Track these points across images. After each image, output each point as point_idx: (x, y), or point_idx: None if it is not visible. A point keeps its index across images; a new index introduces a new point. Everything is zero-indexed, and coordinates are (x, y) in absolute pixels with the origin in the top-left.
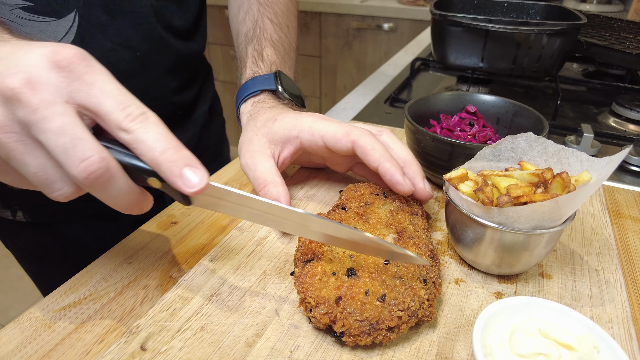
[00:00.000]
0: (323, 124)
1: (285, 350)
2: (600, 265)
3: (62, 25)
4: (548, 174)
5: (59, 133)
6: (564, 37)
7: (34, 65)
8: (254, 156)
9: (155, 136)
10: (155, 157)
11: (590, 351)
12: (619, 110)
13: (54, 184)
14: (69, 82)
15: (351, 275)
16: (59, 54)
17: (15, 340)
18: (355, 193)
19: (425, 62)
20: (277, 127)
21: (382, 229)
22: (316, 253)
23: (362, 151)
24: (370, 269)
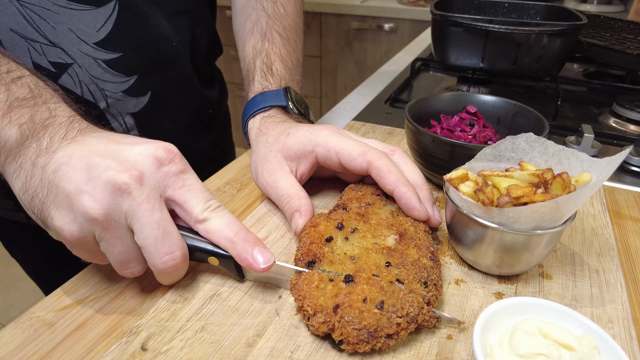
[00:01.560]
0: (339, 140)
1: (285, 351)
2: (601, 265)
3: (102, 14)
4: (548, 174)
5: (154, 226)
6: (565, 37)
7: (141, 162)
8: (273, 174)
9: (230, 220)
10: (230, 238)
11: (591, 352)
12: (619, 110)
13: (130, 264)
14: (165, 177)
15: (349, 282)
16: (159, 152)
17: (16, 340)
18: (357, 193)
19: (425, 62)
20: (291, 141)
21: (383, 230)
22: (317, 254)
23: (377, 173)
24: (370, 272)
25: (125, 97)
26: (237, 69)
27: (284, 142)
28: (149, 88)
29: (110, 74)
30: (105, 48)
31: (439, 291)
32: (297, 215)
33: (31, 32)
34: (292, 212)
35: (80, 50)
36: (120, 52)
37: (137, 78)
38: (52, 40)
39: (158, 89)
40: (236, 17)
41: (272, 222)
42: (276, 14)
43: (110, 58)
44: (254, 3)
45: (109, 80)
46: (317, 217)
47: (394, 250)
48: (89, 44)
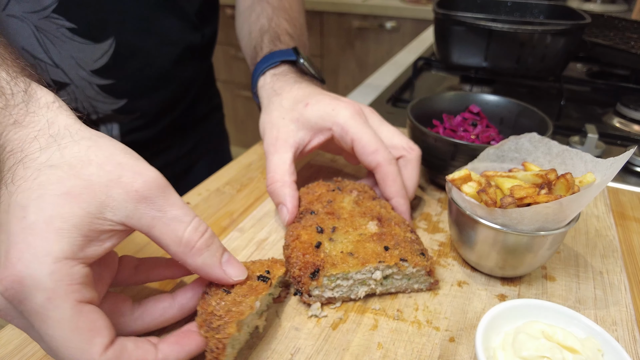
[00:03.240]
0: (358, 127)
1: (285, 353)
2: (605, 267)
3: (99, 49)
4: (552, 175)
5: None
6: (568, 36)
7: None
8: (275, 144)
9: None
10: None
11: (595, 354)
12: (623, 110)
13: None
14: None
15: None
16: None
17: (14, 341)
18: (314, 195)
19: (428, 61)
20: (309, 113)
21: (359, 220)
22: (316, 263)
23: (382, 178)
24: (376, 261)
25: (115, 115)
26: (237, 69)
27: (300, 113)
28: (137, 109)
29: (102, 96)
30: (100, 75)
31: (431, 259)
32: (284, 210)
33: (40, 52)
34: (278, 203)
35: (78, 74)
36: (113, 79)
37: (127, 101)
38: (56, 62)
39: (146, 110)
40: (240, 17)
41: (272, 223)
42: (282, 7)
43: (104, 83)
44: (259, 1)
45: (101, 101)
46: (294, 227)
47: (381, 234)
48: (86, 70)
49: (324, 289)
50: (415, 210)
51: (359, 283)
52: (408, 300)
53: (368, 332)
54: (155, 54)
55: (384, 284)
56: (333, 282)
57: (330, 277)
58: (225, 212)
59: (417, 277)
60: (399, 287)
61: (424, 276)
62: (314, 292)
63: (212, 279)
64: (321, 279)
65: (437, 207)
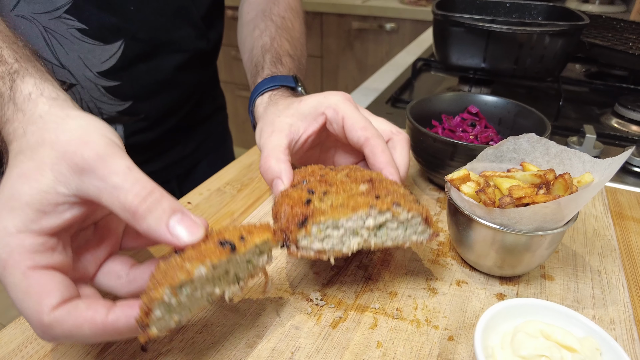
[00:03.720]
0: (348, 107)
1: (286, 352)
2: (603, 266)
3: (108, 50)
4: (550, 175)
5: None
6: (567, 37)
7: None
8: (270, 136)
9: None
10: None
11: (593, 353)
12: (621, 111)
13: None
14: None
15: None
16: None
17: (16, 341)
18: (306, 171)
19: (427, 62)
20: (303, 106)
21: (351, 185)
22: (305, 213)
23: (371, 150)
24: (367, 206)
25: (119, 116)
26: (237, 69)
27: (295, 108)
28: (142, 111)
29: (107, 98)
30: (106, 77)
31: (426, 208)
32: (280, 183)
33: (47, 53)
34: (273, 179)
35: (84, 75)
36: (119, 81)
37: (132, 103)
38: (63, 63)
39: (151, 112)
40: (243, 29)
41: (272, 223)
42: (285, 26)
43: (110, 85)
44: (263, 16)
45: (106, 102)
46: (285, 190)
47: (373, 189)
48: (93, 72)
49: (312, 239)
50: None
51: (350, 233)
52: (407, 300)
53: (367, 331)
54: (164, 59)
55: (378, 234)
56: (322, 231)
57: (319, 224)
58: (226, 212)
59: (413, 226)
60: (396, 238)
61: (422, 225)
62: (301, 243)
63: (162, 243)
64: (310, 227)
65: (436, 207)
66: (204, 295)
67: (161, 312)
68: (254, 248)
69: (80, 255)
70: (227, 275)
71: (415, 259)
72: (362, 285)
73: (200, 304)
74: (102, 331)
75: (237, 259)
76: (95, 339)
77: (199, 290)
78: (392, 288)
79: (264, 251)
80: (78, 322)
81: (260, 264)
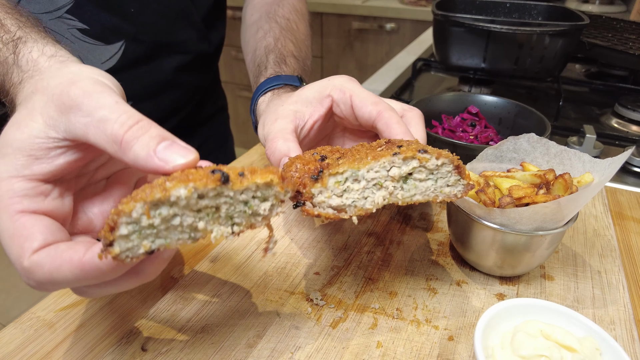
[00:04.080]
0: (355, 86)
1: (286, 352)
2: (603, 266)
3: (108, 51)
4: (550, 175)
5: None
6: (567, 37)
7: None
8: (274, 123)
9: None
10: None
11: (593, 353)
12: (621, 111)
13: None
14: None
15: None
16: None
17: (16, 341)
18: (313, 152)
19: (427, 62)
20: (306, 91)
21: (366, 150)
22: (320, 167)
23: (385, 123)
24: (390, 154)
25: None
26: (237, 69)
27: (299, 95)
28: (142, 112)
29: None
30: None
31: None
32: (286, 159)
33: None
34: (280, 158)
35: None
36: (120, 81)
37: (131, 104)
38: None
39: (151, 113)
40: (247, 31)
41: (272, 223)
42: (289, 28)
43: None
44: (267, 18)
45: None
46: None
47: (393, 145)
48: None
49: (330, 193)
50: (415, 210)
51: (373, 186)
52: (407, 300)
53: (367, 331)
54: (165, 60)
55: (405, 187)
56: (341, 183)
57: (337, 175)
58: None
59: (444, 176)
60: (426, 191)
61: (453, 175)
62: (317, 198)
63: (151, 172)
64: (326, 179)
65: (436, 207)
66: (185, 228)
67: (128, 231)
68: (253, 187)
69: (86, 207)
70: (218, 213)
71: (415, 258)
72: (362, 285)
73: (179, 237)
74: (81, 270)
75: (230, 196)
76: (77, 281)
77: (178, 217)
78: (392, 288)
79: (267, 197)
80: (57, 263)
81: (261, 212)
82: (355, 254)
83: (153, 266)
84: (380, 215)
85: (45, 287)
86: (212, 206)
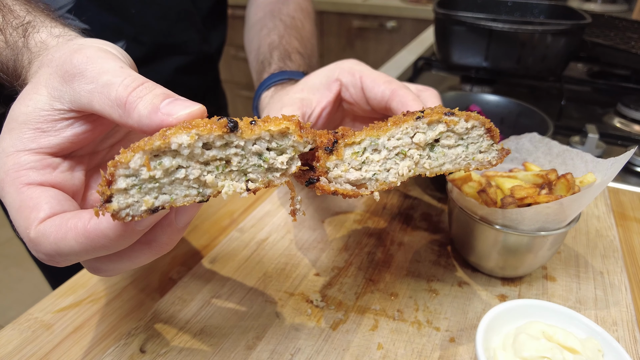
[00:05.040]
0: (365, 67)
1: (285, 354)
2: (605, 267)
3: None
4: (552, 175)
5: None
6: (569, 36)
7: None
8: (280, 110)
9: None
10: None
11: (595, 354)
12: (624, 110)
13: None
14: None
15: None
16: None
17: (14, 342)
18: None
19: (428, 61)
20: (313, 78)
21: (384, 125)
22: (335, 137)
23: (400, 101)
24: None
25: None
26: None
27: (304, 82)
28: None
29: None
30: None
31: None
32: None
33: None
34: None
35: None
36: None
37: None
38: None
39: None
40: (250, 30)
41: (272, 223)
42: (294, 26)
43: None
44: (271, 16)
45: None
46: None
47: (414, 113)
48: None
49: (347, 166)
50: (416, 211)
51: (395, 155)
52: (408, 301)
53: (368, 333)
54: (166, 61)
55: (433, 156)
56: (359, 154)
57: (354, 145)
58: (225, 212)
59: (476, 141)
60: (456, 159)
61: (486, 139)
62: (333, 173)
63: (156, 130)
64: (341, 150)
65: (437, 207)
66: (192, 182)
67: (127, 185)
68: (266, 135)
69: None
70: (229, 167)
71: (416, 260)
72: (362, 286)
73: (187, 193)
74: (86, 238)
75: (241, 146)
76: (85, 252)
77: (183, 170)
78: (393, 289)
79: (284, 150)
80: (62, 232)
81: (278, 165)
82: (355, 254)
83: (166, 235)
84: (381, 216)
85: (54, 259)
86: (221, 158)
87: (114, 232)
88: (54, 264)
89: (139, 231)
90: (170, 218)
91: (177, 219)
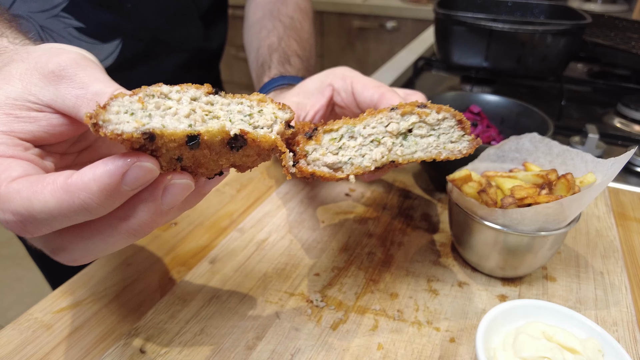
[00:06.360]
0: (356, 74)
1: (286, 354)
2: (605, 267)
3: (105, 50)
4: (553, 175)
5: None
6: (569, 36)
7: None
8: None
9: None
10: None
11: (595, 354)
12: (624, 110)
13: None
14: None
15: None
16: None
17: (14, 342)
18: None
19: (428, 61)
20: (308, 83)
21: (361, 115)
22: (314, 126)
23: (387, 103)
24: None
25: None
26: (237, 68)
27: (300, 87)
28: None
29: None
30: None
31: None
32: None
33: None
34: None
35: None
36: (117, 81)
37: None
38: None
39: None
40: (249, 30)
41: (272, 224)
42: (293, 26)
43: None
44: (270, 16)
45: None
46: None
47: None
48: None
49: (324, 150)
50: (416, 211)
51: (370, 142)
52: (408, 301)
53: (368, 333)
54: (165, 59)
55: (405, 144)
56: (336, 140)
57: (332, 132)
58: (225, 213)
59: (447, 132)
60: (427, 148)
61: (457, 130)
62: (312, 156)
63: None
64: (320, 136)
65: (437, 207)
66: (181, 117)
67: (119, 109)
68: (246, 102)
69: None
70: (217, 117)
71: (416, 260)
72: (362, 286)
73: (176, 125)
74: (65, 191)
75: (225, 103)
76: (61, 212)
77: (173, 108)
78: (393, 289)
79: (267, 115)
80: (39, 187)
81: (261, 124)
82: (356, 254)
83: (147, 212)
84: (381, 216)
85: (24, 223)
86: (208, 111)
87: (98, 186)
88: (22, 232)
89: (126, 191)
90: (156, 194)
91: (163, 197)
